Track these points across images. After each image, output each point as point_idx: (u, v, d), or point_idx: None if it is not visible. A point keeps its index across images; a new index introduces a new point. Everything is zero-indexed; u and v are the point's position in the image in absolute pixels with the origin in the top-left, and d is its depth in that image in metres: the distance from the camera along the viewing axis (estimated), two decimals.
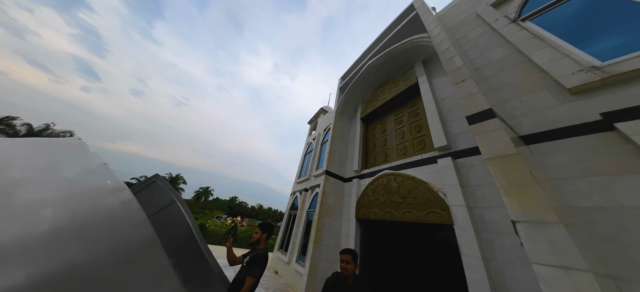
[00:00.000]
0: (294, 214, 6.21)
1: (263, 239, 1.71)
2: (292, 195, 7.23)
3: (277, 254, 5.83)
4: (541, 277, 1.11)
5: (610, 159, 1.39)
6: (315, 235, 3.40)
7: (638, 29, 1.72)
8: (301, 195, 6.33)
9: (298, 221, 5.50)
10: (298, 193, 6.63)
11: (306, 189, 6.20)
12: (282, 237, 6.39)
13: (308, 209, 5.34)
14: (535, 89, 2.00)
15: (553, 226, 1.16)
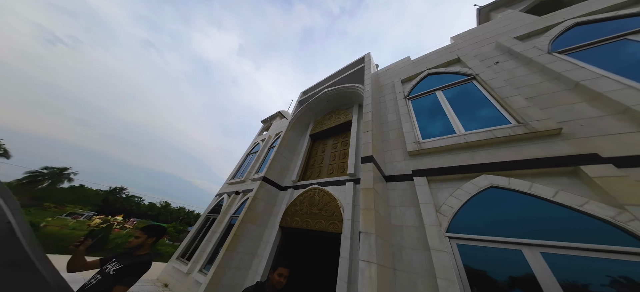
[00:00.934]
0: (213, 218, 5.73)
1: (147, 244, 1.57)
2: (218, 196, 6.65)
3: (174, 264, 5.09)
4: (360, 268, 1.87)
5: (408, 197, 2.55)
6: (230, 241, 3.35)
7: (440, 122, 3.30)
8: (229, 197, 5.99)
9: (216, 226, 5.16)
10: (226, 195, 6.21)
11: (237, 192, 5.96)
12: (188, 243, 5.66)
13: (233, 213, 5.14)
14: (397, 147, 3.26)
15: (371, 236, 2.00)
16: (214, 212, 6.10)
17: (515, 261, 1.56)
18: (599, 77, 1.96)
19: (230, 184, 7.02)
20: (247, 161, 7.86)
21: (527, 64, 2.69)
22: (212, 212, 6.17)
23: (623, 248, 1.26)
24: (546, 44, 2.76)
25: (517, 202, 1.80)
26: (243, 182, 6.35)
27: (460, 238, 1.89)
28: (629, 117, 1.68)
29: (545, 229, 1.58)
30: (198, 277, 4.07)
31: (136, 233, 1.60)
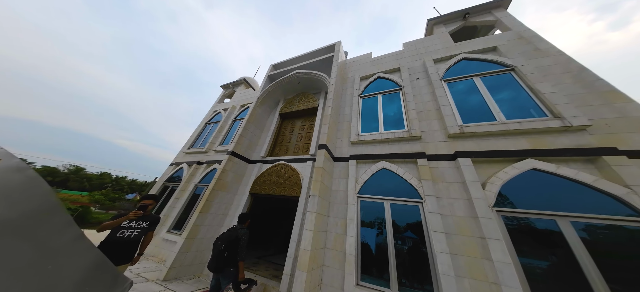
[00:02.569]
0: (171, 187, 6.03)
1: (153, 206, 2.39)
2: (175, 165, 6.73)
3: None
4: (307, 215, 3.07)
5: (344, 172, 3.84)
6: (203, 205, 3.95)
7: (374, 121, 4.59)
8: (190, 167, 6.26)
9: (179, 193, 5.58)
10: (185, 165, 6.42)
11: (200, 162, 6.24)
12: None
13: (198, 182, 5.59)
14: (345, 136, 4.38)
15: (316, 197, 3.18)
16: (171, 181, 6.34)
17: (379, 208, 3.09)
18: (447, 105, 3.41)
19: (189, 153, 7.02)
20: (208, 131, 7.70)
21: (429, 85, 4.02)
22: (169, 181, 6.38)
23: (628, 218, 1.76)
24: (443, 71, 4.08)
25: (387, 177, 3.29)
26: (205, 153, 6.53)
27: (363, 197, 3.33)
28: (445, 135, 3.21)
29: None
30: (168, 236, 4.63)
31: (149, 202, 2.34)
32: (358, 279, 2.71)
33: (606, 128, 2.16)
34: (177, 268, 3.42)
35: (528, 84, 2.92)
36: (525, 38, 3.60)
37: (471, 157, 2.60)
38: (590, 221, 1.88)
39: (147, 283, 2.89)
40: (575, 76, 2.69)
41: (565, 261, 1.85)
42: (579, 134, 2.24)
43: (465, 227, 2.34)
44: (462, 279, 2.13)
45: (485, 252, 2.12)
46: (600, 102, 2.37)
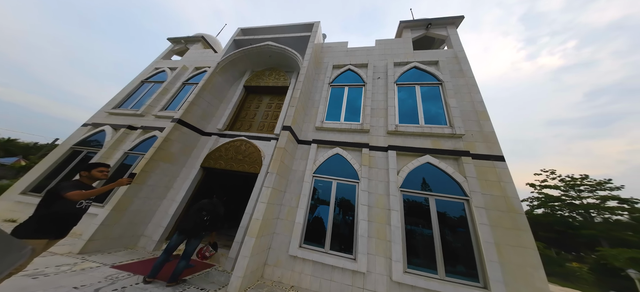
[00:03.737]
0: (86, 152, 5.05)
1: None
2: (90, 127, 5.55)
3: (20, 199, 4.30)
4: (263, 190, 3.36)
5: (305, 154, 4.25)
6: (138, 176, 3.53)
7: (337, 110, 5.14)
8: (116, 131, 5.35)
9: (99, 161, 4.82)
10: (109, 127, 5.44)
11: (132, 126, 5.39)
12: (43, 177, 4.71)
13: (130, 150, 4.91)
14: (312, 121, 4.74)
15: (273, 174, 3.48)
16: (85, 145, 5.23)
17: (328, 186, 3.75)
18: (393, 106, 4.24)
19: (114, 114, 5.77)
20: (145, 90, 6.41)
21: (385, 86, 4.76)
22: (82, 145, 5.24)
23: (460, 197, 3.06)
24: (398, 75, 4.89)
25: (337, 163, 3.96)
26: (141, 117, 5.55)
27: (318, 176, 3.88)
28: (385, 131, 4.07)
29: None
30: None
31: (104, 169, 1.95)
32: (301, 243, 3.34)
33: (470, 137, 3.41)
34: (100, 240, 3.12)
35: (445, 97, 4.01)
36: (458, 58, 4.70)
37: (397, 151, 3.50)
38: (443, 199, 3.09)
39: (55, 257, 2.53)
40: (471, 96, 3.89)
41: (426, 225, 2.99)
42: (457, 140, 3.41)
43: (381, 201, 3.27)
44: (371, 239, 3.06)
45: (388, 220, 3.10)
46: (474, 118, 3.59)
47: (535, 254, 2.47)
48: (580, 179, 17.61)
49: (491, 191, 2.90)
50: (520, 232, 2.60)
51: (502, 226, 2.67)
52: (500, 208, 2.77)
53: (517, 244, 2.56)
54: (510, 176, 2.91)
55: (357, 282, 2.84)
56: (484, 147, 3.25)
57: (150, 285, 2.26)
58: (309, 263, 3.10)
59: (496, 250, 2.55)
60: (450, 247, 2.81)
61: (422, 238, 2.98)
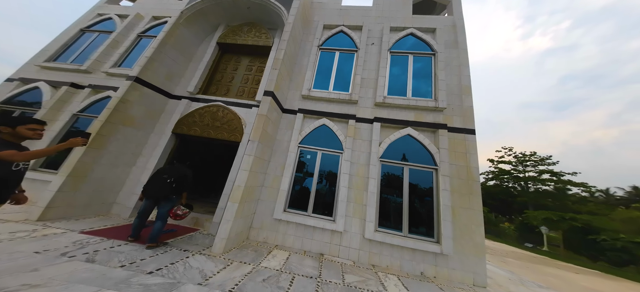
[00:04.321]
0: (18, 113, 4.32)
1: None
2: (18, 82, 4.62)
3: None
4: (243, 161, 3.29)
5: (290, 124, 4.14)
6: (93, 140, 3.15)
7: (326, 78, 4.89)
8: (56, 89, 4.52)
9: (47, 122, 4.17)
10: (45, 84, 4.55)
11: (78, 84, 4.55)
12: None
13: (79, 112, 4.24)
14: (298, 88, 4.45)
15: (255, 142, 3.39)
16: (13, 104, 4.36)
17: (313, 156, 3.83)
18: (384, 76, 4.16)
19: (49, 69, 4.70)
20: (87, 42, 5.16)
21: (378, 54, 4.52)
22: (8, 104, 4.35)
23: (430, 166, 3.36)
24: (393, 41, 4.61)
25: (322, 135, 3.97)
26: (88, 74, 4.59)
27: (303, 147, 3.89)
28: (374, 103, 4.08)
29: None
30: (34, 176, 3.50)
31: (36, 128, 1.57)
32: (285, 208, 3.56)
33: (450, 111, 3.62)
34: (63, 207, 2.89)
35: (435, 70, 4.01)
36: (455, 27, 4.46)
37: (381, 123, 3.60)
38: (416, 168, 3.44)
39: (7, 224, 2.30)
40: (460, 69, 3.97)
41: (398, 192, 3.38)
42: (438, 113, 3.62)
43: (361, 170, 3.51)
44: (350, 203, 3.38)
45: (366, 186, 3.39)
46: (457, 93, 3.74)
47: (480, 216, 3.04)
48: (529, 156, 21.02)
49: (457, 161, 3.29)
50: (472, 197, 3.12)
51: (460, 191, 3.15)
52: (461, 177, 3.21)
53: (468, 207, 3.09)
54: (476, 148, 3.29)
55: (335, 239, 3.25)
56: (460, 121, 3.51)
57: (128, 247, 2.26)
58: (292, 225, 3.39)
59: (451, 212, 3.06)
60: (415, 210, 3.28)
61: (393, 204, 3.40)
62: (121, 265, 1.85)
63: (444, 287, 2.60)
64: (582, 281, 4.92)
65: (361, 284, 2.31)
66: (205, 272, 1.99)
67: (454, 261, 2.91)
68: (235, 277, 1.99)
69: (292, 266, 2.54)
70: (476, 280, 2.85)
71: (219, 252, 2.53)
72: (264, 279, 2.04)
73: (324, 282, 2.20)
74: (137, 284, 1.58)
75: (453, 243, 2.94)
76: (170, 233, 2.97)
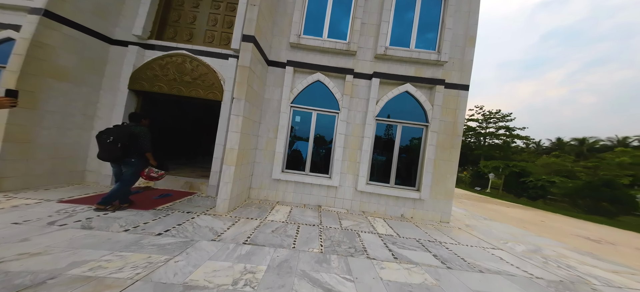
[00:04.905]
0: None
1: None
2: None
3: None
4: (232, 122, 2.99)
5: (279, 80, 3.72)
6: (27, 100, 2.51)
7: (320, 22, 4.18)
8: None
9: None
10: None
11: None
12: None
13: None
14: (285, 35, 3.71)
15: (242, 101, 3.02)
16: None
17: (307, 117, 3.69)
18: (387, 22, 3.68)
19: None
20: None
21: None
22: None
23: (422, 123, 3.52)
24: None
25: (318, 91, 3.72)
26: None
27: (296, 106, 3.65)
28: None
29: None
30: None
31: None
32: (283, 168, 3.68)
33: (450, 65, 3.57)
34: (20, 177, 2.53)
35: (444, 15, 3.60)
36: None
37: (380, 78, 3.44)
38: (408, 125, 3.63)
39: None
40: (468, 16, 3.66)
41: (388, 149, 3.65)
42: (437, 68, 3.56)
43: (357, 130, 3.59)
44: (345, 161, 3.61)
45: (360, 145, 3.57)
46: (461, 44, 3.56)
47: (456, 166, 3.57)
48: (494, 113, 23.65)
49: (447, 117, 3.52)
50: (453, 151, 3.55)
51: (443, 146, 3.53)
52: (447, 132, 3.53)
53: (447, 159, 3.56)
54: (466, 104, 3.48)
55: (331, 193, 3.64)
56: (457, 76, 3.53)
57: (125, 212, 2.23)
58: (291, 183, 3.61)
59: (433, 164, 3.52)
60: (402, 164, 3.68)
61: (383, 160, 3.74)
62: (125, 229, 1.85)
63: (419, 224, 3.30)
64: (510, 213, 6.73)
65: (355, 226, 2.79)
66: (215, 229, 2.14)
67: (428, 204, 3.59)
68: (246, 231, 2.19)
69: (295, 217, 2.87)
70: (443, 218, 3.64)
71: (224, 212, 2.67)
72: (272, 230, 2.30)
73: (325, 228, 2.59)
74: (150, 245, 1.65)
75: (430, 190, 3.53)
76: (166, 198, 2.95)
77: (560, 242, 3.66)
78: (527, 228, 4.63)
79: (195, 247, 1.72)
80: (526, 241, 3.36)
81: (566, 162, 17.14)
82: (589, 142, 22.20)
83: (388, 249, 2.20)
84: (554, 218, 7.31)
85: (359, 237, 2.42)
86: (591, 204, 12.00)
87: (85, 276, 1.18)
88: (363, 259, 1.89)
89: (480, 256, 2.37)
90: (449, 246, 2.52)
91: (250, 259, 1.64)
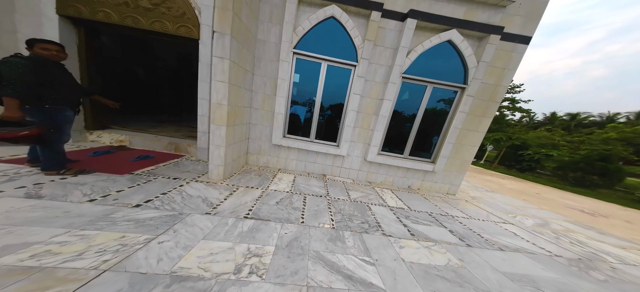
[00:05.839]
0: None
1: None
2: None
3: None
4: (213, 63, 2.29)
5: (277, 14, 2.76)
6: None
7: None
8: None
9: None
10: None
11: None
12: None
13: None
14: None
15: (226, 36, 2.24)
16: None
17: (314, 69, 2.98)
18: None
19: None
20: None
21: None
22: None
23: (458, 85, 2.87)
24: None
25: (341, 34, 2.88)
26: None
27: (300, 53, 2.88)
28: None
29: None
30: None
31: None
32: (284, 133, 3.25)
33: (515, 8, 2.63)
34: None
35: None
36: None
37: (418, 19, 2.60)
38: (441, 87, 3.00)
39: None
40: None
41: (409, 116, 3.17)
42: (497, 11, 2.57)
43: (376, 90, 3.00)
44: (355, 129, 3.17)
45: (377, 110, 3.06)
46: None
47: (481, 137, 3.23)
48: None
49: (490, 78, 2.91)
50: (483, 120, 3.14)
51: (474, 113, 3.09)
52: (484, 97, 3.02)
53: (475, 129, 3.19)
54: (518, 63, 2.83)
55: (337, 162, 3.37)
56: (520, 24, 2.71)
57: (92, 177, 1.86)
58: (293, 150, 3.26)
59: (457, 134, 3.16)
60: (422, 133, 3.30)
61: (401, 127, 3.32)
62: (90, 199, 1.52)
63: (427, 196, 3.22)
64: (507, 185, 7.02)
65: (364, 198, 2.63)
66: (209, 200, 1.86)
67: (438, 176, 3.46)
68: (246, 202, 1.94)
69: (300, 187, 2.64)
70: (450, 190, 3.57)
71: (218, 179, 2.37)
72: (277, 202, 2.07)
73: (333, 200, 2.39)
74: (125, 220, 1.35)
75: (446, 162, 3.30)
76: (147, 160, 2.58)
77: (561, 215, 3.83)
78: (527, 200, 4.84)
79: (185, 222, 1.44)
80: (531, 213, 3.45)
81: (555, 136, 18.07)
82: (580, 118, 22.64)
83: (402, 224, 2.07)
84: (546, 190, 7.84)
85: (370, 210, 2.27)
86: (580, 177, 12.91)
87: (24, 267, 0.87)
88: (379, 236, 1.74)
89: (494, 231, 2.34)
90: (461, 220, 2.47)
91: (255, 238, 1.41)
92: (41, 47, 1.68)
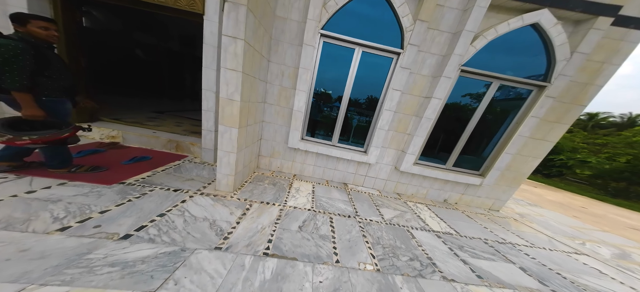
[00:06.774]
0: None
1: None
2: None
3: None
4: (223, 44, 1.85)
5: None
6: None
7: None
8: None
9: None
10: None
11: None
12: None
13: None
14: None
15: (241, 7, 1.80)
16: None
17: (345, 57, 2.48)
18: None
19: None
20: None
21: None
22: None
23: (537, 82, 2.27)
24: None
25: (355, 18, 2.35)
26: None
27: (329, 36, 2.38)
28: None
29: None
30: None
31: None
32: (303, 135, 2.83)
33: None
34: None
35: None
36: None
37: None
38: (510, 84, 2.43)
39: None
40: None
41: (463, 119, 2.65)
42: None
43: (420, 86, 2.48)
44: (389, 132, 2.71)
45: (420, 111, 2.56)
46: None
47: (548, 148, 2.70)
48: None
49: (581, 75, 2.31)
50: (558, 126, 2.57)
51: (548, 119, 2.54)
52: (566, 99, 2.43)
53: (543, 138, 2.65)
54: (627, 55, 2.16)
55: (361, 170, 2.96)
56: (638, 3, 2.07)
57: (65, 189, 1.53)
58: (311, 155, 2.86)
59: (522, 142, 2.64)
60: (474, 141, 2.80)
61: (448, 132, 2.82)
62: (62, 227, 1.17)
63: (468, 212, 2.79)
64: (544, 195, 6.44)
65: (400, 219, 2.26)
66: (218, 224, 1.50)
67: (482, 189, 2.99)
68: (263, 228, 1.57)
69: (322, 200, 2.27)
70: (494, 205, 3.11)
71: (228, 191, 2.01)
72: (299, 227, 1.70)
73: (365, 222, 2.01)
74: (107, 264, 0.98)
75: (499, 175, 2.83)
76: (143, 162, 2.24)
77: (631, 240, 3.35)
78: (578, 217, 4.33)
79: (189, 265, 1.09)
80: (597, 238, 3.01)
81: (576, 138, 17.21)
82: (598, 118, 21.29)
83: (460, 260, 1.69)
84: (588, 202, 7.22)
85: (414, 239, 1.88)
86: (624, 187, 12.01)
87: None
88: (439, 282, 1.37)
89: (572, 267, 1.93)
90: (524, 250, 2.05)
91: (282, 291, 1.04)
92: (40, 26, 1.38)
